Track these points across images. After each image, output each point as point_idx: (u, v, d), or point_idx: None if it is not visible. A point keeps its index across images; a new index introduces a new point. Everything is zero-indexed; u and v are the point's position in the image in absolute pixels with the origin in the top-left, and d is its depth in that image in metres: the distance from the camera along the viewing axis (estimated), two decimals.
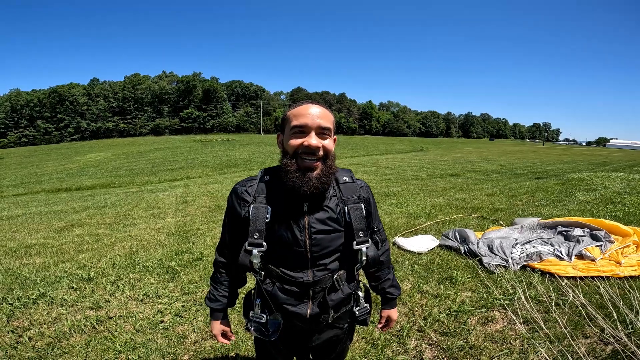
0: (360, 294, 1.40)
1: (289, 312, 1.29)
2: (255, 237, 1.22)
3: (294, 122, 1.18)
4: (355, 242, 1.27)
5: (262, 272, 1.28)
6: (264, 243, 1.22)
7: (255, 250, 1.22)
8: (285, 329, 1.33)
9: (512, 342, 2.52)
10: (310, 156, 1.17)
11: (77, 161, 29.08)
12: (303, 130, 1.17)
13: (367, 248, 1.29)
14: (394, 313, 1.57)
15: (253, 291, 1.41)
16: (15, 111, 70.57)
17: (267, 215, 1.22)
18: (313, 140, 1.16)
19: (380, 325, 1.59)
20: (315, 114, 1.18)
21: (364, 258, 1.29)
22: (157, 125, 78.32)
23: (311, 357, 1.54)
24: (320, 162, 1.19)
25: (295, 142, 1.18)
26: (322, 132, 1.19)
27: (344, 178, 1.32)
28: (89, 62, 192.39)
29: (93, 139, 68.88)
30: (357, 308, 1.39)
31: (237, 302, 3.31)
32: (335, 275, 1.29)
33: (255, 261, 1.23)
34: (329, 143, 1.21)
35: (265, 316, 1.31)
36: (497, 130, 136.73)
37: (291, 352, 1.47)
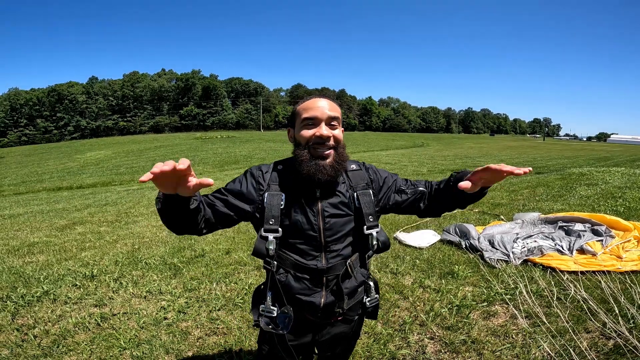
0: (371, 284, 1.42)
1: (302, 302, 1.30)
2: (271, 223, 1.25)
3: (305, 115, 1.25)
4: (365, 226, 1.30)
5: (275, 263, 1.29)
6: (280, 229, 1.25)
7: (271, 236, 1.24)
8: (296, 323, 1.34)
9: (514, 336, 2.54)
10: (322, 146, 1.24)
11: (77, 160, 29.10)
12: (314, 122, 1.24)
13: (377, 233, 1.32)
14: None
15: (263, 286, 1.42)
16: (15, 110, 70.47)
17: (282, 202, 1.26)
18: (324, 130, 1.23)
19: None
20: (324, 106, 1.25)
21: (374, 243, 1.31)
22: (157, 123, 78.22)
23: (316, 352, 1.54)
24: (332, 150, 1.25)
25: (307, 133, 1.25)
26: (331, 122, 1.25)
27: (352, 166, 1.39)
28: (87, 61, 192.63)
29: (93, 138, 68.84)
30: (368, 298, 1.41)
31: (240, 298, 3.32)
32: (348, 261, 1.31)
33: (270, 247, 1.24)
34: (338, 133, 1.27)
35: (275, 310, 1.32)
36: (497, 125, 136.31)
37: (298, 348, 1.45)
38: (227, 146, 33.68)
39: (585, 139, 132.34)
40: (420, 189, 1.40)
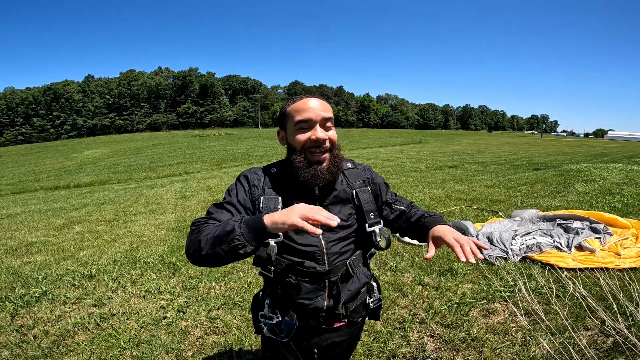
0: (374, 284, 1.40)
1: (304, 307, 1.24)
2: None
3: (298, 118, 1.20)
4: (367, 224, 1.28)
5: (273, 268, 1.23)
6: (280, 233, 1.14)
7: (272, 242, 1.15)
8: (299, 329, 1.29)
9: (513, 334, 2.54)
10: (318, 149, 1.20)
11: (74, 158, 28.98)
12: (308, 125, 1.19)
13: (380, 230, 1.29)
14: (443, 228, 1.18)
15: (261, 293, 1.37)
16: (11, 109, 70.00)
17: (279, 206, 1.20)
18: (320, 133, 1.19)
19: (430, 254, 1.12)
20: (317, 107, 1.20)
21: (378, 239, 1.27)
22: (154, 121, 77.89)
23: (317, 353, 1.54)
24: (328, 153, 1.22)
25: (302, 137, 1.20)
26: (325, 123, 1.21)
27: (347, 165, 1.37)
28: (83, 59, 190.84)
29: (90, 136, 68.43)
30: (371, 299, 1.40)
31: (239, 297, 3.30)
32: (349, 260, 1.27)
33: (272, 253, 1.17)
34: (333, 134, 1.23)
35: (275, 317, 1.27)
36: (495, 122, 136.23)
37: (301, 350, 1.41)
38: (225, 144, 33.61)
39: (582, 135, 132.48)
40: (402, 208, 1.40)
